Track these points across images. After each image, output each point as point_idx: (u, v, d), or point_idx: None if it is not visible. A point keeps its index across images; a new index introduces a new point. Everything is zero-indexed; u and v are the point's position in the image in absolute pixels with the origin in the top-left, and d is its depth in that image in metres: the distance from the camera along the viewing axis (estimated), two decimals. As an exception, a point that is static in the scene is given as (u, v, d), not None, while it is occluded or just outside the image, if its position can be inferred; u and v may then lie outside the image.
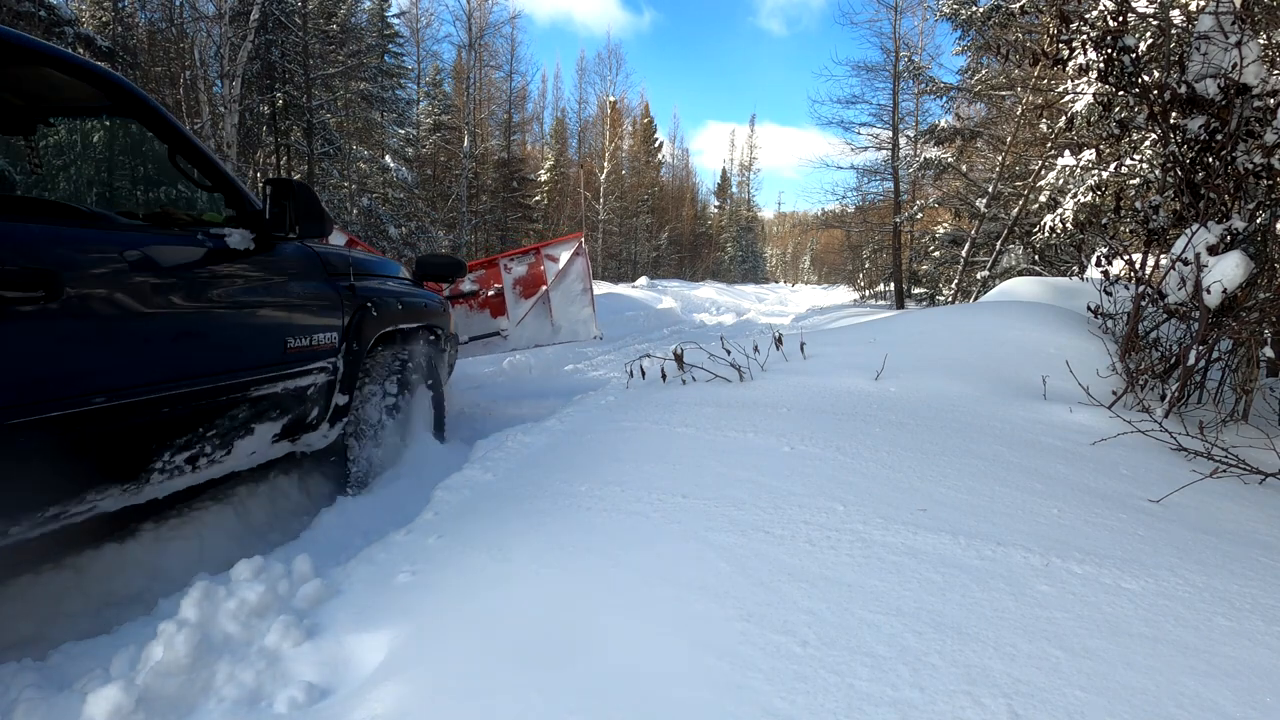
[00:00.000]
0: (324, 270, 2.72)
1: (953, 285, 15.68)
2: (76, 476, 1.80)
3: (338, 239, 5.31)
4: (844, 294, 27.42)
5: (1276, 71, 2.86)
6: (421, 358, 3.41)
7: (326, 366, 2.67)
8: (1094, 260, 3.95)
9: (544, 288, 5.37)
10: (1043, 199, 12.02)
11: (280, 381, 2.43)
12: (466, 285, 5.35)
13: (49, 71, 2.00)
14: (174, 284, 1.99)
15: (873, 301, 21.30)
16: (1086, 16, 3.27)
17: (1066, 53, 3.32)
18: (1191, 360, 2.84)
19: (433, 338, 3.54)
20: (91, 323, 1.75)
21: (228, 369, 2.19)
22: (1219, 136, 2.86)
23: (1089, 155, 9.41)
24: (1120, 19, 3.15)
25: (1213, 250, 2.74)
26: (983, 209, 14.48)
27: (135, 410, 1.88)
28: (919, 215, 18.00)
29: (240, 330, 2.27)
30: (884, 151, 17.02)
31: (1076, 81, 8.72)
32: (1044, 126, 12.74)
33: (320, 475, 3.04)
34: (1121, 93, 3.31)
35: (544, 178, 30.64)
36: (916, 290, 19.21)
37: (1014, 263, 13.45)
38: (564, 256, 5.45)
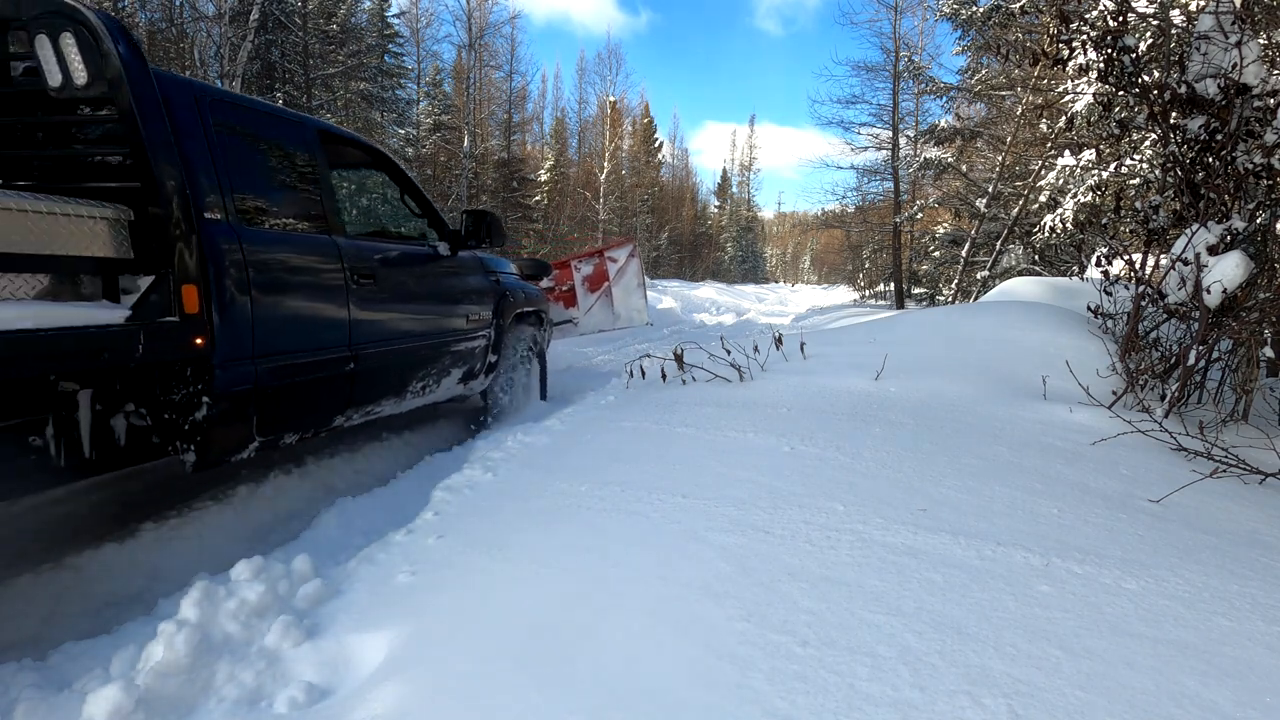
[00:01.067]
0: (484, 268, 3.93)
1: (953, 285, 15.68)
2: (377, 391, 3.04)
3: None
4: (844, 294, 27.42)
5: (1276, 71, 2.86)
6: (535, 334, 4.56)
7: (486, 335, 3.87)
8: (1094, 260, 3.95)
9: (606, 283, 6.61)
10: (1043, 199, 12.01)
11: (464, 342, 3.65)
12: (545, 282, 6.25)
13: (347, 149, 3.34)
14: (420, 274, 3.35)
15: (873, 301, 21.30)
16: (1086, 16, 3.26)
17: (1066, 53, 3.32)
18: (1191, 360, 2.84)
19: (539, 320, 4.64)
20: (387, 297, 3.06)
21: (442, 331, 3.47)
22: (1219, 136, 2.86)
23: (1089, 155, 9.41)
24: (1120, 19, 3.15)
25: (1213, 250, 2.74)
26: (983, 209, 14.48)
27: (405, 353, 3.18)
28: (919, 215, 17.99)
29: (447, 306, 3.55)
30: (884, 151, 17.01)
31: (1076, 81, 8.72)
32: (1044, 126, 12.73)
33: (467, 414, 4.24)
34: (1121, 93, 3.31)
35: (544, 178, 30.63)
36: (916, 290, 19.20)
37: (1014, 263, 13.44)
38: (622, 258, 6.77)
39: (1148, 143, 6.77)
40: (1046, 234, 10.34)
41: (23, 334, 1.73)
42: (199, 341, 2.24)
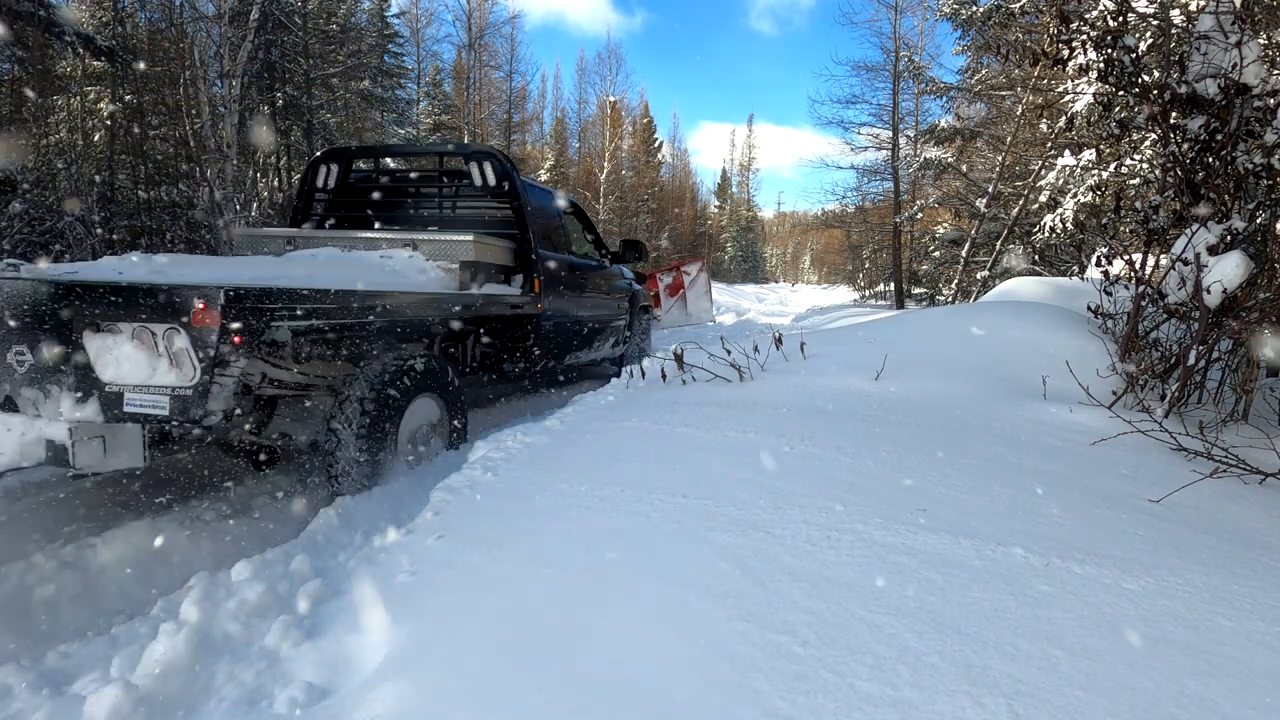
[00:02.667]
0: (624, 274, 6.19)
1: (953, 285, 15.68)
2: (585, 344, 5.21)
3: None
4: (844, 294, 27.41)
5: (1276, 71, 2.86)
6: (648, 320, 7.15)
7: (625, 318, 6.11)
8: (1094, 260, 3.95)
9: (682, 290, 9.12)
10: (1043, 199, 12.01)
11: (618, 321, 5.88)
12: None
13: (567, 203, 5.36)
14: (597, 278, 5.42)
15: (873, 301, 21.29)
16: (1086, 16, 3.26)
17: (1066, 53, 3.32)
18: (1191, 360, 2.84)
19: (648, 310, 7.23)
20: (588, 294, 5.21)
21: (608, 314, 5.60)
22: (1219, 136, 2.86)
23: (1089, 155, 9.40)
24: (1120, 19, 3.15)
25: (1213, 250, 2.74)
26: (983, 209, 14.48)
27: (594, 327, 5.29)
28: (919, 215, 17.99)
29: (610, 298, 5.70)
30: (884, 151, 17.01)
31: (1076, 81, 8.72)
32: (1044, 126, 12.73)
33: (597, 377, 5.86)
34: (1121, 93, 3.31)
35: (544, 177, 30.64)
36: (916, 290, 19.20)
37: (1014, 263, 13.44)
38: (694, 272, 9.42)
39: (1148, 143, 6.76)
40: (1046, 234, 10.35)
41: (491, 295, 3.97)
42: (539, 306, 4.39)
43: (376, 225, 4.64)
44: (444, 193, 4.89)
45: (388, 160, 5.58)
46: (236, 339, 2.29)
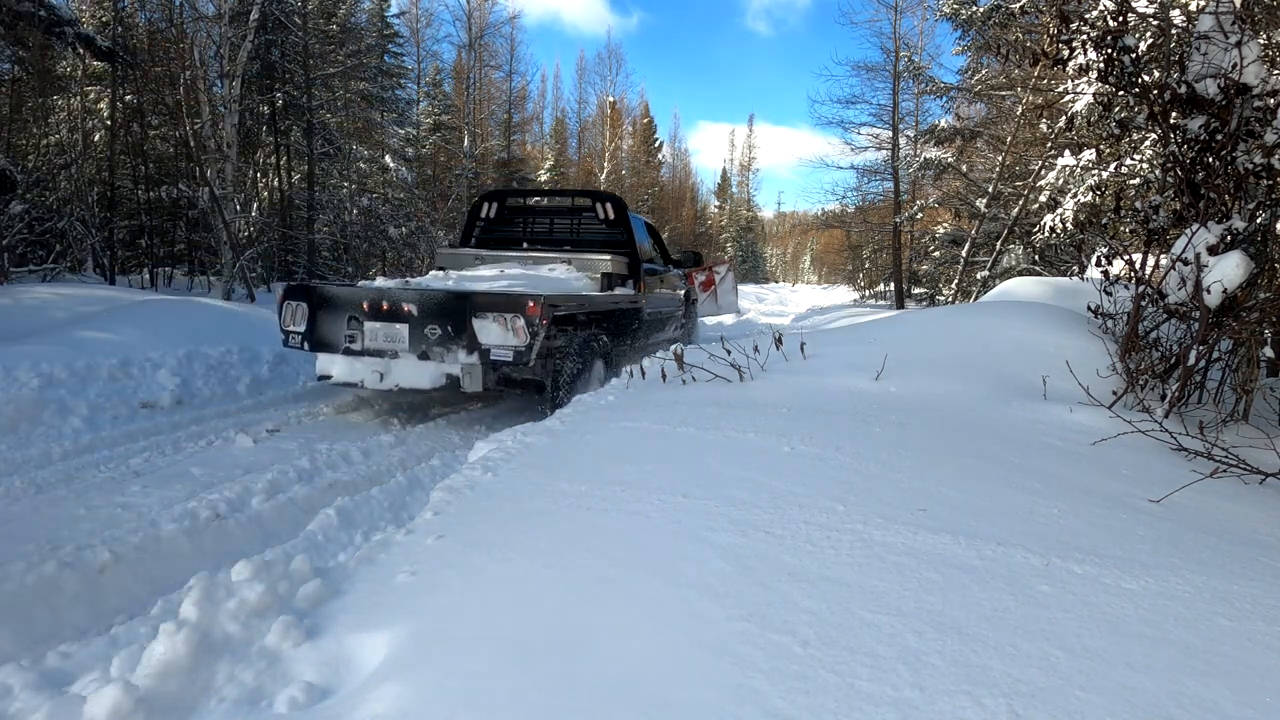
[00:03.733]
0: (683, 275, 8.04)
1: (953, 285, 15.68)
2: (662, 329, 7.11)
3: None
4: (844, 294, 27.41)
5: (1276, 71, 2.86)
6: (695, 312, 8.71)
7: (683, 310, 7.92)
8: (1094, 260, 3.95)
9: (713, 287, 10.04)
10: (1043, 199, 12.01)
11: (679, 312, 7.77)
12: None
13: (648, 224, 7.80)
14: (664, 279, 7.22)
15: (873, 301, 21.29)
16: (1086, 16, 3.26)
17: (1066, 53, 3.32)
18: (1191, 360, 2.84)
19: (694, 305, 8.81)
20: (663, 291, 7.15)
21: (673, 307, 7.54)
22: (1219, 136, 2.86)
23: (1089, 155, 9.40)
24: (1120, 19, 3.15)
25: (1213, 250, 2.74)
26: (983, 209, 14.47)
27: (666, 316, 7.25)
28: (919, 215, 17.97)
29: (674, 294, 7.66)
30: (884, 151, 16.99)
31: (1076, 81, 8.72)
32: (1044, 126, 12.73)
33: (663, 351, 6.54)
34: (1121, 93, 3.31)
35: (544, 178, 30.63)
36: (916, 290, 19.20)
37: (1014, 263, 13.44)
38: (723, 271, 10.40)
39: (1148, 143, 6.76)
40: (1046, 234, 10.35)
41: (624, 294, 5.81)
42: (643, 302, 6.05)
43: (524, 245, 6.61)
44: (574, 222, 6.83)
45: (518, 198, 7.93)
46: (544, 320, 4.22)
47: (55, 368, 4.40)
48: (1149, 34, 4.88)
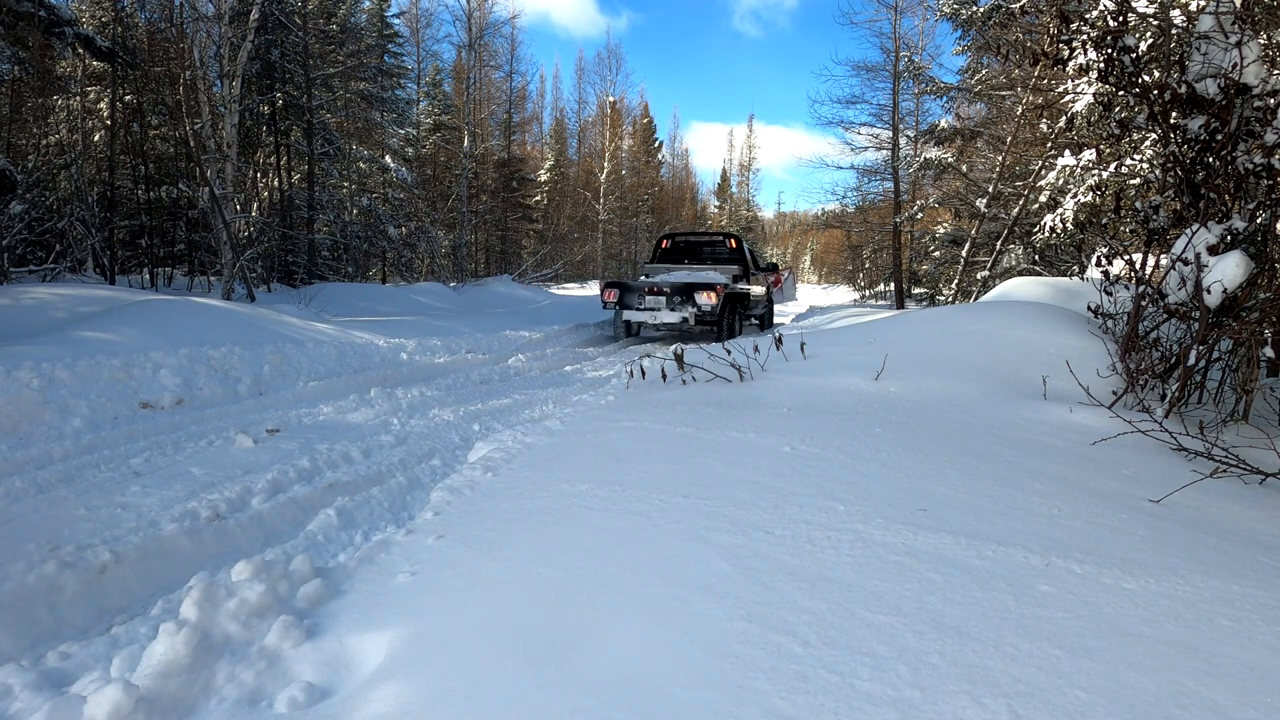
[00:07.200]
0: (765, 277, 12.13)
1: (953, 285, 15.68)
2: (755, 307, 11.55)
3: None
4: (844, 294, 27.41)
5: (1276, 71, 2.86)
6: (772, 296, 12.80)
7: (766, 302, 12.21)
8: (1094, 260, 3.95)
9: (781, 284, 12.98)
10: (1043, 199, 12.01)
11: (763, 301, 12.00)
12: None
13: (746, 240, 12.23)
14: (761, 280, 11.88)
15: (873, 301, 21.29)
16: (1086, 16, 3.26)
17: (1066, 53, 3.32)
18: (1191, 360, 2.84)
19: (769, 298, 12.62)
20: (758, 287, 11.54)
21: (761, 295, 11.80)
22: (1219, 136, 2.86)
23: (1089, 155, 9.39)
24: (1120, 19, 3.15)
25: (1213, 250, 2.74)
26: (983, 209, 14.48)
27: (760, 302, 11.88)
28: (919, 215, 17.98)
29: (763, 289, 11.94)
30: (884, 151, 16.98)
31: (1076, 81, 8.72)
32: (1044, 126, 12.73)
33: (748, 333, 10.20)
34: (1121, 93, 3.31)
35: (544, 178, 30.63)
36: (916, 290, 19.20)
37: (1014, 263, 13.44)
38: (786, 274, 13.49)
39: (1148, 143, 6.76)
40: (1046, 234, 10.34)
41: (743, 288, 10.43)
42: (751, 291, 10.83)
43: (685, 261, 10.97)
44: (713, 249, 11.10)
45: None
46: (724, 292, 9.06)
47: (56, 368, 4.41)
48: (1149, 34, 4.88)
